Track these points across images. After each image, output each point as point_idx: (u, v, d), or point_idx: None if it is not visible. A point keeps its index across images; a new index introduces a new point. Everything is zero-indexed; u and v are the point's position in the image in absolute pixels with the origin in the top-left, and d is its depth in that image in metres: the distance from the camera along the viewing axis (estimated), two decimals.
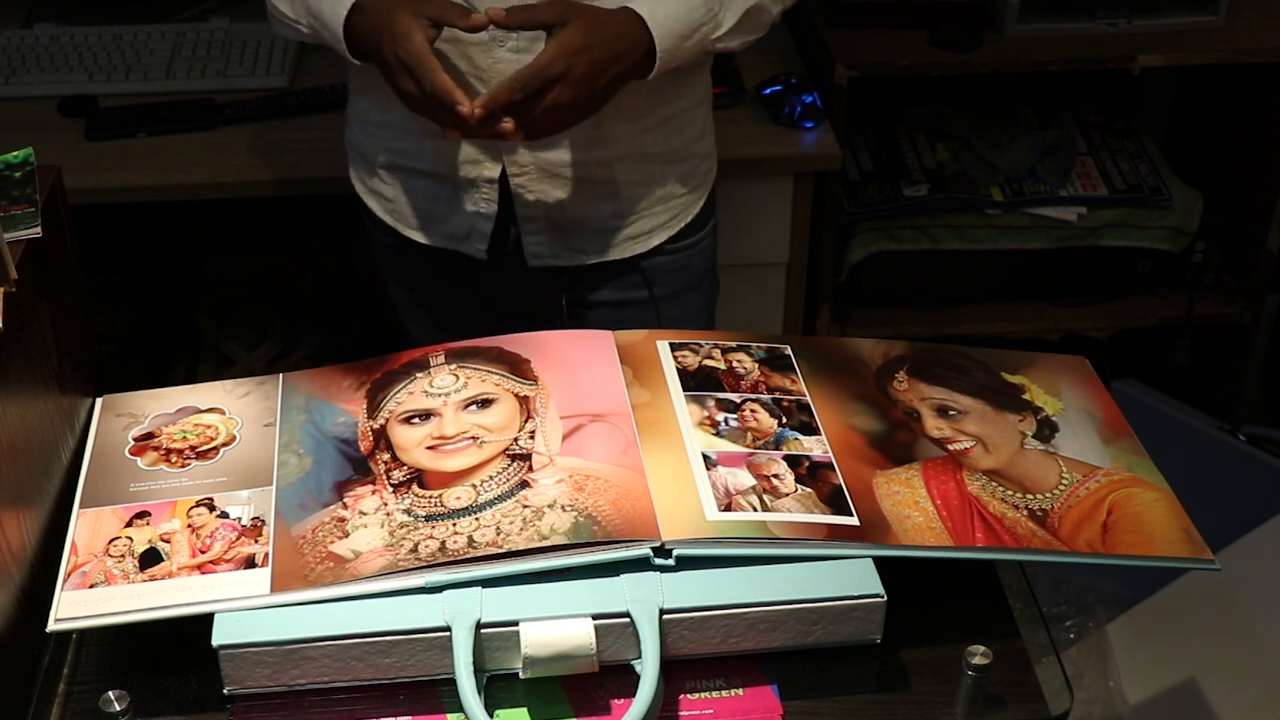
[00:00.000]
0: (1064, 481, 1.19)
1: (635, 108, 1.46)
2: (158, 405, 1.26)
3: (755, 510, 1.11)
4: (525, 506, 1.10)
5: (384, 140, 1.55)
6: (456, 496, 1.12)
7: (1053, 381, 1.32)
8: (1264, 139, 2.37)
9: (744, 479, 1.14)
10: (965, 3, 2.25)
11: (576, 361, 1.26)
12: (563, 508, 1.10)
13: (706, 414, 1.21)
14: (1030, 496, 1.17)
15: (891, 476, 1.17)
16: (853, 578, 1.07)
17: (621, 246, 1.55)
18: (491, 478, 1.14)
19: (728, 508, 1.11)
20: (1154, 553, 1.13)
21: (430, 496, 1.12)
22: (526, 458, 1.15)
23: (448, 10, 1.36)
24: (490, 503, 1.11)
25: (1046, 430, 1.25)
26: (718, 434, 1.19)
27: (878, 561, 1.08)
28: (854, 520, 1.11)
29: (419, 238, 1.58)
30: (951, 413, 1.25)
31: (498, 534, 1.08)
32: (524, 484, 1.13)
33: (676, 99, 1.50)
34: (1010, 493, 1.17)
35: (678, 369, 1.26)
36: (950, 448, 1.21)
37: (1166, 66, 2.26)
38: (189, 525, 1.11)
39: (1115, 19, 2.26)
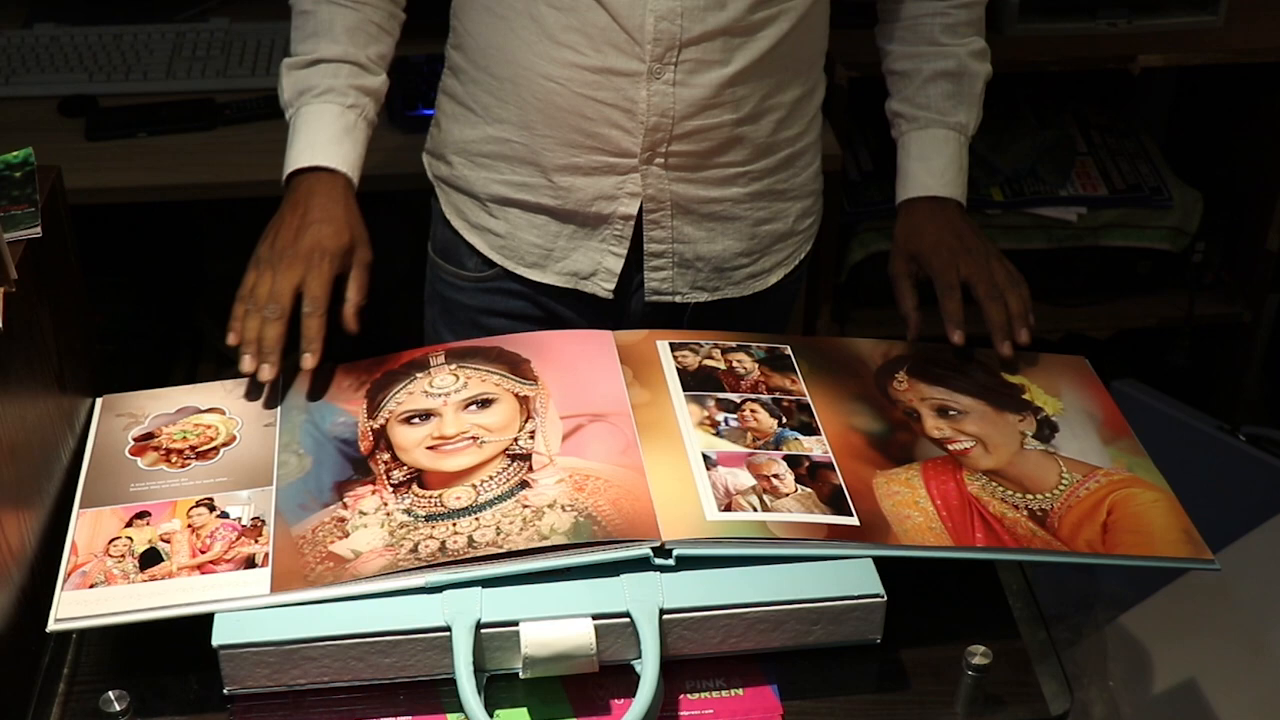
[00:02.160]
0: (1064, 482, 1.19)
1: (774, 144, 1.45)
2: (158, 405, 1.25)
3: (755, 510, 1.11)
4: (525, 506, 1.10)
5: (501, 173, 1.45)
6: (456, 496, 1.12)
7: (1053, 381, 1.32)
8: (1264, 139, 2.37)
9: (744, 479, 1.14)
10: None
11: (576, 361, 1.26)
12: (563, 507, 1.10)
13: (706, 414, 1.21)
14: (1030, 496, 1.17)
15: (891, 476, 1.17)
16: (853, 578, 1.07)
17: (742, 285, 1.51)
18: (491, 478, 1.14)
19: (728, 508, 1.11)
20: (1154, 553, 1.13)
21: (430, 496, 1.12)
22: (526, 458, 1.15)
23: (363, 281, 1.32)
24: (490, 502, 1.11)
25: (1046, 430, 1.25)
26: (718, 434, 1.19)
27: (878, 561, 1.08)
28: (854, 520, 1.11)
29: (535, 276, 1.48)
30: (951, 413, 1.25)
31: (498, 534, 1.08)
32: (524, 484, 1.13)
33: (807, 133, 1.50)
34: (1010, 493, 1.17)
35: (678, 369, 1.26)
36: (950, 448, 1.21)
37: (1166, 66, 2.26)
38: (189, 525, 1.11)
39: (1115, 19, 2.26)
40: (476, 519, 1.10)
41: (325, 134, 1.36)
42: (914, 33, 1.51)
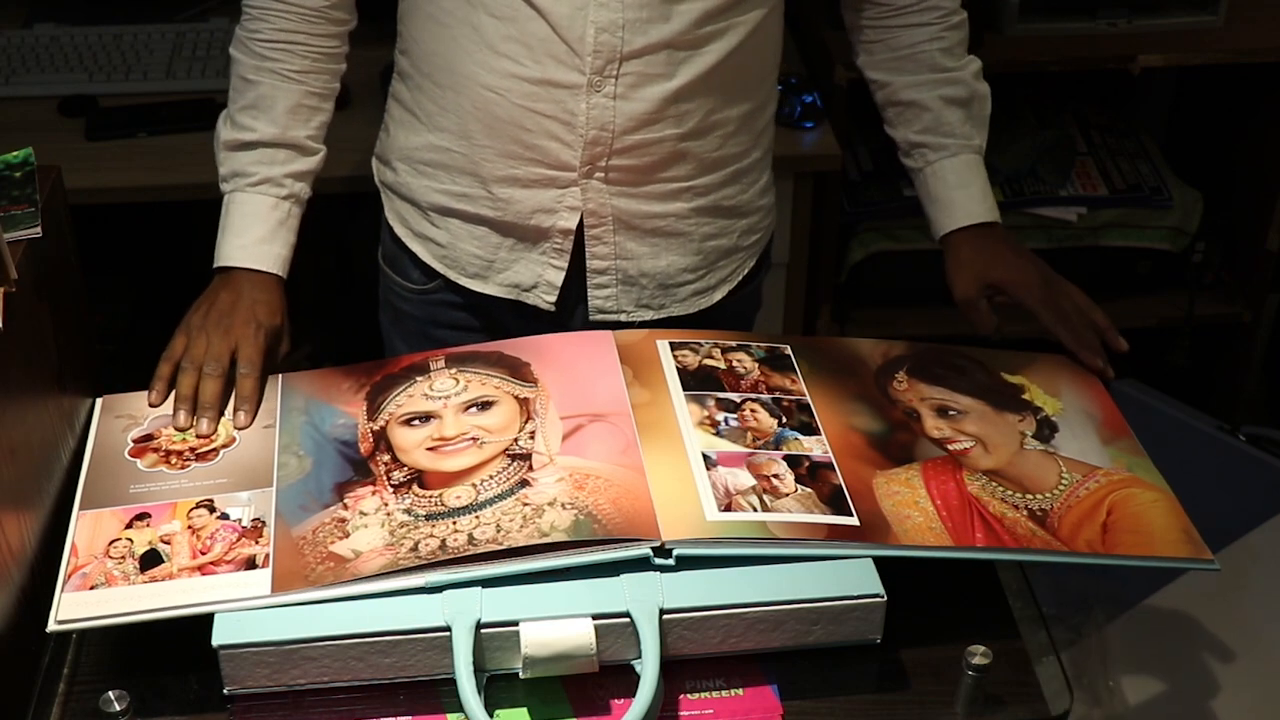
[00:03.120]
0: (1063, 482, 1.19)
1: (720, 159, 1.43)
2: (157, 406, 1.26)
3: (755, 510, 1.11)
4: (525, 504, 1.10)
5: (440, 182, 1.44)
6: (456, 495, 1.12)
7: (1052, 381, 1.32)
8: (1264, 139, 2.37)
9: (744, 479, 1.14)
10: (965, 3, 2.24)
11: (577, 362, 1.26)
12: (563, 505, 1.10)
13: (706, 414, 1.21)
14: (1030, 496, 1.17)
15: (891, 476, 1.17)
16: (853, 578, 1.07)
17: (686, 302, 1.49)
18: (491, 477, 1.14)
19: (728, 508, 1.11)
20: (1154, 553, 1.13)
21: (430, 496, 1.12)
22: (526, 457, 1.15)
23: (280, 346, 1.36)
24: (490, 501, 1.11)
25: (1046, 430, 1.25)
26: (718, 434, 1.19)
27: (878, 561, 1.08)
28: (854, 520, 1.11)
29: (476, 287, 1.47)
30: (951, 413, 1.25)
31: (498, 531, 1.08)
32: (524, 483, 1.13)
33: (754, 149, 1.48)
34: (1010, 493, 1.17)
35: (678, 369, 1.26)
36: (950, 448, 1.21)
37: (1166, 66, 2.26)
38: (189, 526, 1.11)
39: (1115, 19, 2.26)
40: (476, 517, 1.10)
41: (260, 231, 1.38)
42: (914, 61, 1.49)
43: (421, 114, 1.42)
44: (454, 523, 1.09)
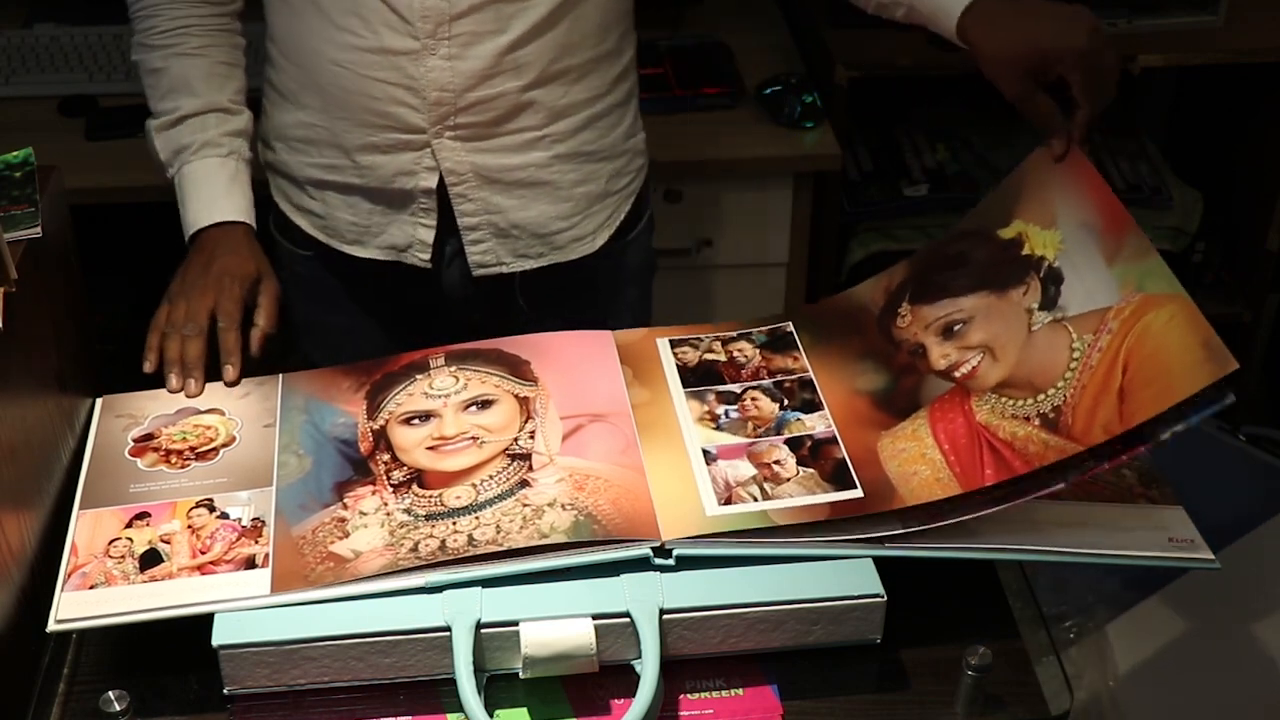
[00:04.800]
0: (1075, 357, 1.15)
1: (572, 105, 1.46)
2: (157, 406, 1.26)
3: (756, 500, 1.11)
4: (525, 505, 1.10)
5: (311, 157, 1.50)
6: (456, 495, 1.12)
7: (1045, 204, 1.26)
8: (1264, 139, 2.37)
9: (744, 470, 1.14)
10: None
11: (577, 362, 1.26)
12: (563, 506, 1.10)
13: (707, 409, 1.21)
14: (1042, 398, 1.14)
15: (897, 434, 1.17)
16: (853, 578, 1.07)
17: (566, 249, 1.54)
18: (491, 477, 1.14)
19: (728, 501, 1.11)
20: (1174, 396, 1.07)
21: (430, 496, 1.12)
22: (526, 457, 1.15)
23: (271, 310, 1.40)
24: (490, 501, 1.11)
25: (1051, 288, 1.21)
26: (718, 427, 1.19)
27: (878, 561, 1.08)
28: (858, 493, 1.11)
29: (356, 252, 1.53)
30: (956, 328, 1.23)
31: (498, 532, 1.08)
32: (524, 483, 1.13)
33: (609, 94, 1.51)
34: (1021, 403, 1.15)
35: (678, 366, 1.26)
36: (957, 374, 1.20)
37: (1166, 66, 2.26)
38: (189, 526, 1.11)
39: (1115, 19, 2.26)
40: (476, 518, 1.10)
41: (214, 189, 1.44)
42: None
43: (287, 93, 1.48)
44: (454, 523, 1.09)
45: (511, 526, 1.08)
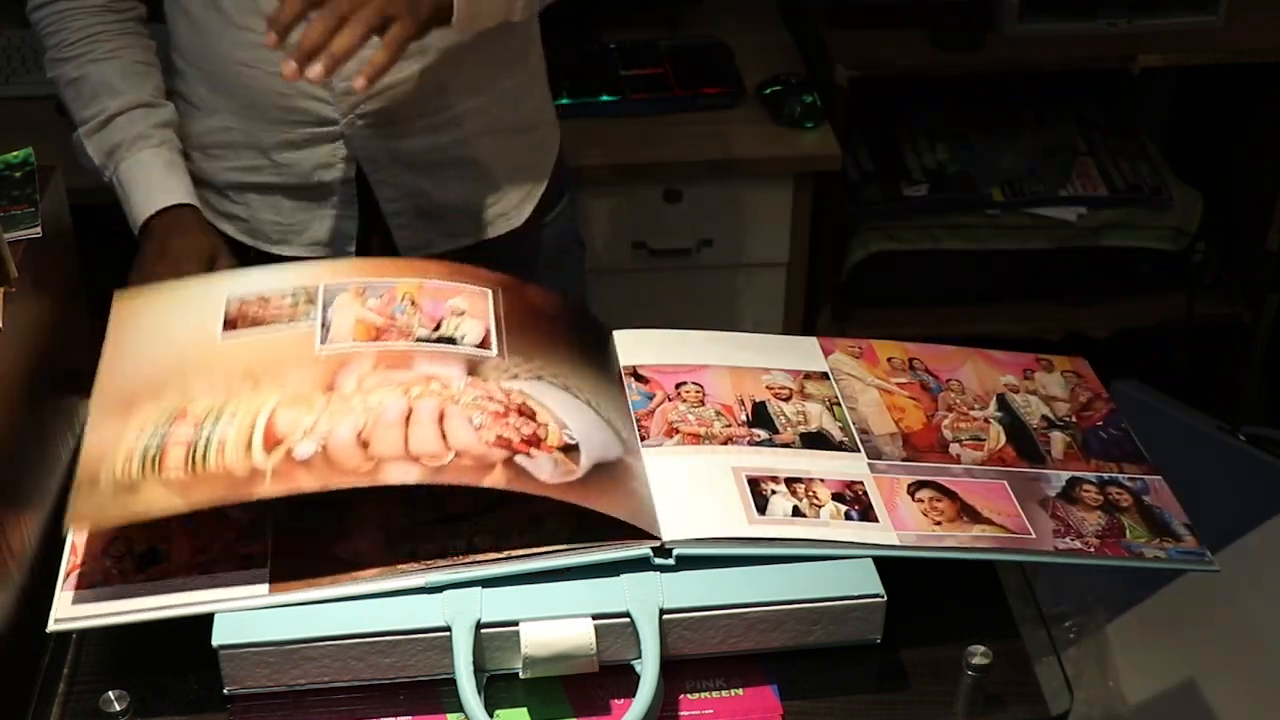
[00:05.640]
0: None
1: (481, 81, 1.47)
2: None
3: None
4: (525, 511, 1.10)
5: (229, 161, 1.51)
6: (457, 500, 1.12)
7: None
8: (1264, 139, 2.37)
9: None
10: (965, 3, 2.25)
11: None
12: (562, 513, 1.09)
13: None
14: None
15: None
16: (853, 578, 1.07)
17: (494, 225, 1.55)
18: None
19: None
20: None
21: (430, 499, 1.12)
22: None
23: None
24: (490, 507, 1.10)
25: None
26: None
27: (878, 561, 1.08)
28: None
29: (283, 251, 1.54)
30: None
31: (498, 539, 1.07)
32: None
33: (517, 69, 1.52)
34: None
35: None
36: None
37: (1166, 66, 2.26)
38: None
39: (1115, 19, 2.26)
40: (476, 523, 1.09)
41: (153, 178, 1.45)
42: None
43: (198, 101, 1.49)
44: (454, 528, 1.09)
45: (511, 532, 1.08)
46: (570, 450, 1.09)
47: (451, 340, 1.15)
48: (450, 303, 1.20)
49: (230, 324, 1.16)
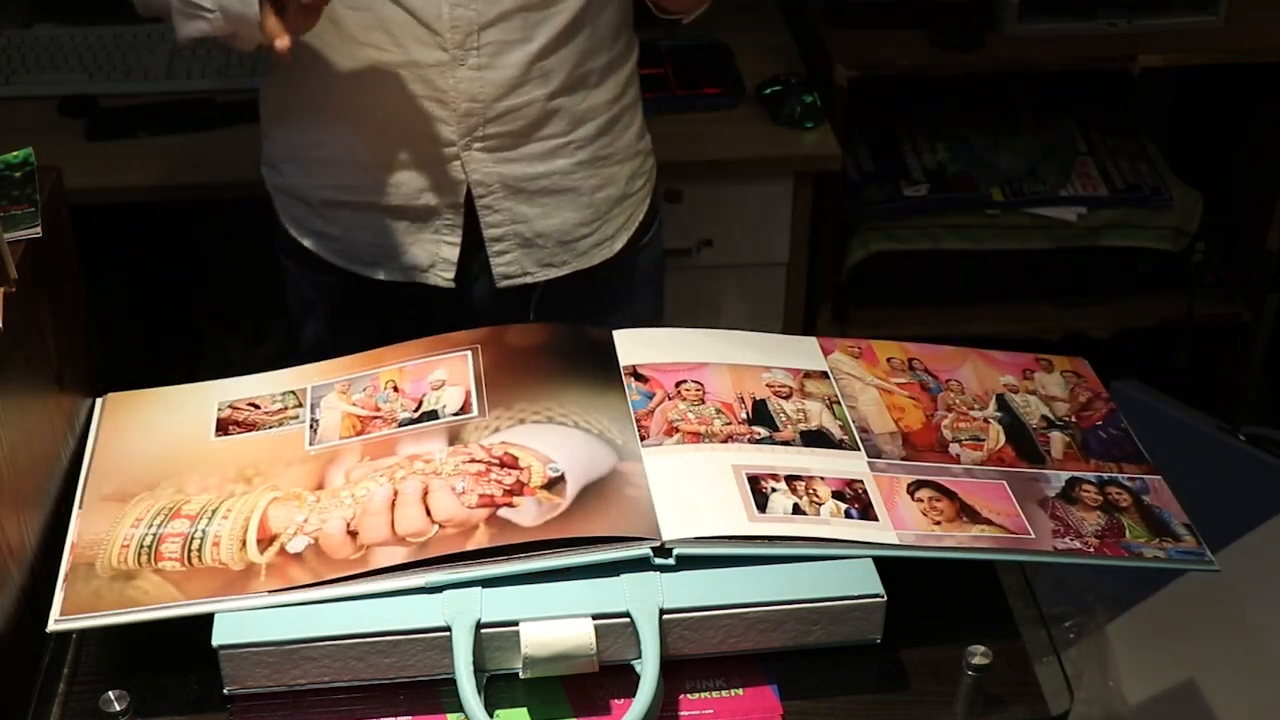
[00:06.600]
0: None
1: (590, 110, 1.46)
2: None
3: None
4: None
5: (324, 178, 1.47)
6: None
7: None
8: (1264, 139, 2.37)
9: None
10: (965, 3, 2.25)
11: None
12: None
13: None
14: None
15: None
16: (853, 578, 1.07)
17: (589, 255, 1.53)
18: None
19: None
20: None
21: None
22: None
23: None
24: None
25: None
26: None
27: (878, 561, 1.08)
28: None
29: (375, 275, 1.50)
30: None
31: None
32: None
33: (623, 97, 1.51)
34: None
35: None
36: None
37: (1166, 66, 2.26)
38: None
39: (1115, 19, 2.26)
40: None
41: None
42: None
43: (299, 113, 1.45)
44: None
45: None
46: (555, 484, 1.10)
47: (434, 414, 1.18)
48: (431, 377, 1.23)
49: (222, 428, 1.20)
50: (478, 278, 1.50)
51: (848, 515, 1.11)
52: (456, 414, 1.18)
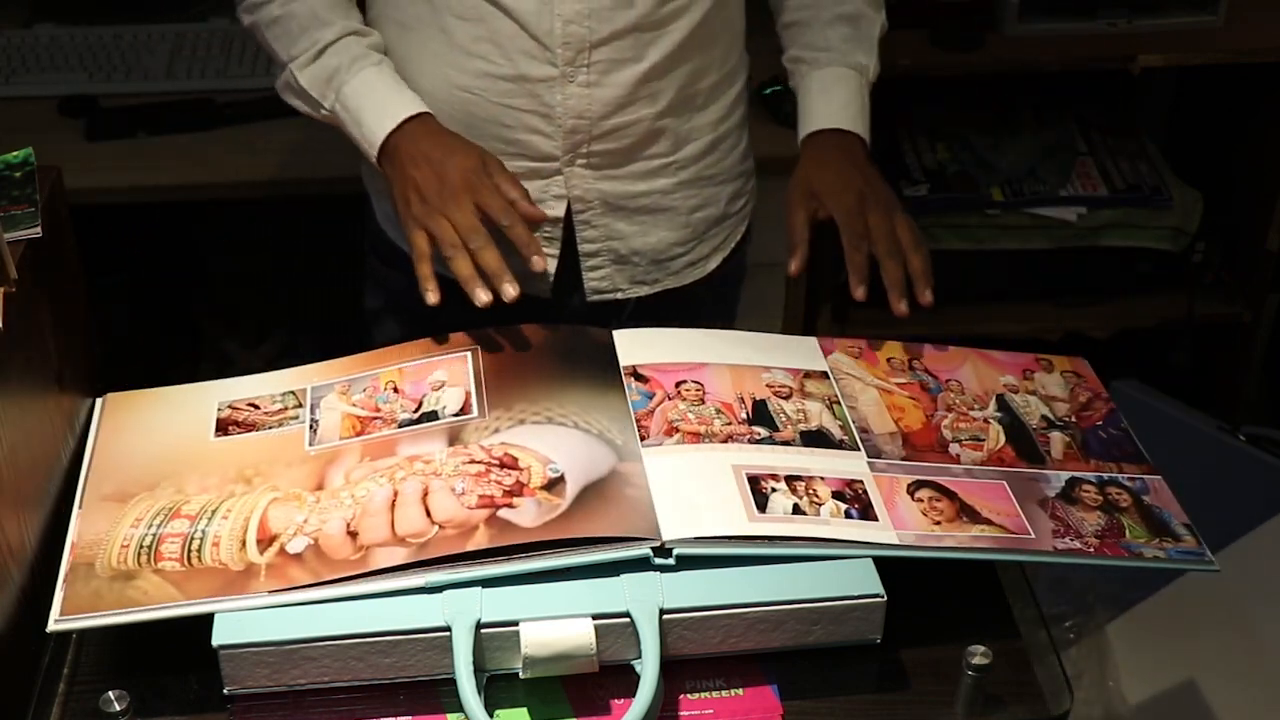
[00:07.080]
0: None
1: (696, 130, 1.45)
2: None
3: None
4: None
5: None
6: None
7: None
8: (1264, 139, 2.37)
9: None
10: (965, 3, 2.24)
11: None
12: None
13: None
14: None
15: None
16: (853, 578, 1.07)
17: (681, 274, 1.52)
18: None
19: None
20: None
21: None
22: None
23: (512, 176, 1.30)
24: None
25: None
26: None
27: (878, 561, 1.08)
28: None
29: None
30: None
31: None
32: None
33: (729, 118, 1.50)
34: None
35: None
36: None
37: (1166, 66, 2.26)
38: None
39: (1115, 19, 2.26)
40: None
41: (385, 92, 1.35)
42: None
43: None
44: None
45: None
46: (555, 485, 1.11)
47: (434, 414, 1.19)
48: (431, 378, 1.23)
49: (221, 428, 1.21)
50: (572, 291, 1.49)
51: (848, 515, 1.11)
52: (456, 415, 1.19)
